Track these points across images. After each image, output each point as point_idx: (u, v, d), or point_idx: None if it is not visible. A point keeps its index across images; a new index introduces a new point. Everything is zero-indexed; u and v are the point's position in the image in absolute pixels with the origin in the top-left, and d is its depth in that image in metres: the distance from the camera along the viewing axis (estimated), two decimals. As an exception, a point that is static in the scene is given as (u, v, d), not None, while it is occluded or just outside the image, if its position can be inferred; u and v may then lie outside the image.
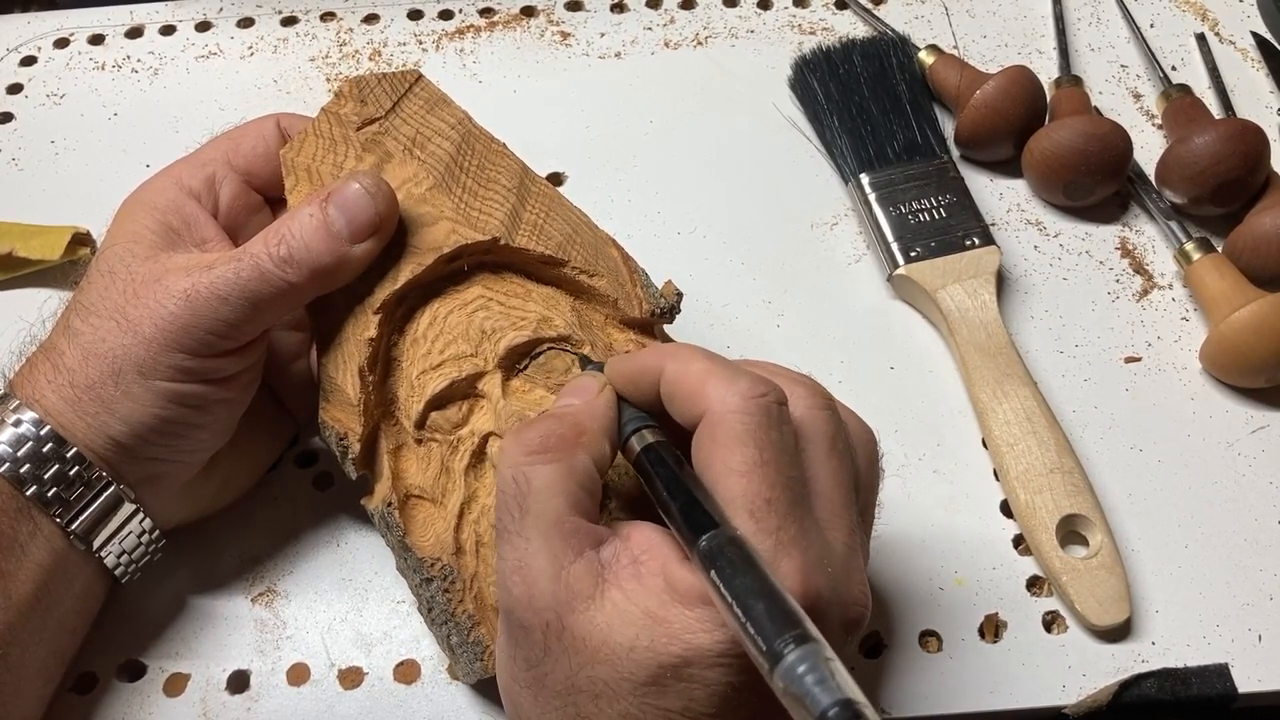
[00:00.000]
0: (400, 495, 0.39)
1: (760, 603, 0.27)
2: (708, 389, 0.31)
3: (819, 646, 0.25)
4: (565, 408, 0.34)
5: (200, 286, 0.37)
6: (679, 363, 0.32)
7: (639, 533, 0.32)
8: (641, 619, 0.29)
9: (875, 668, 0.41)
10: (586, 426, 0.33)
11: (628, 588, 0.30)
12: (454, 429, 0.39)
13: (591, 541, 0.31)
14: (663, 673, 0.29)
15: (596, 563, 0.31)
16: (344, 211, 0.38)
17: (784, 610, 0.26)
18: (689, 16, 0.63)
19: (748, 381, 0.31)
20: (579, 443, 0.32)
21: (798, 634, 0.26)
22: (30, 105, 0.59)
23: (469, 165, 0.42)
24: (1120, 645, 0.42)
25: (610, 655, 0.29)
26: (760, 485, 0.29)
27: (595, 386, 0.35)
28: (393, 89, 0.43)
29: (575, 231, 0.41)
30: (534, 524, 0.31)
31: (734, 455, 0.30)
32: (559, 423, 0.33)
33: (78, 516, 0.37)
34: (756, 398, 0.30)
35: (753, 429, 0.30)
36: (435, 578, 0.37)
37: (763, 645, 0.26)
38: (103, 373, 0.37)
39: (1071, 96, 0.55)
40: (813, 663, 0.25)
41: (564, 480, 0.31)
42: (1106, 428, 0.47)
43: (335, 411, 0.39)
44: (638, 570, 0.30)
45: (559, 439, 0.32)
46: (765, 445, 0.30)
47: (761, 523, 0.29)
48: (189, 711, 0.41)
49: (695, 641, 0.29)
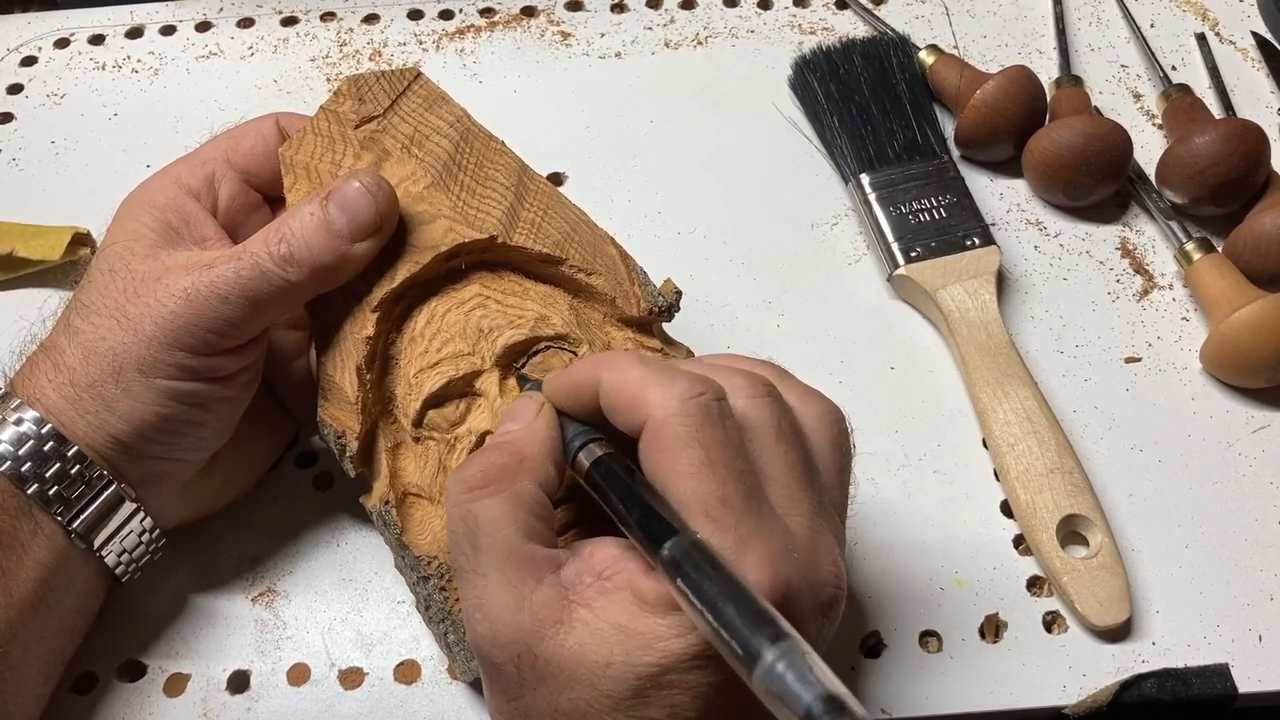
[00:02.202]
0: (398, 493, 0.39)
1: (730, 605, 0.26)
2: (646, 395, 0.31)
3: (795, 642, 0.25)
4: (503, 435, 0.34)
5: (200, 285, 0.37)
6: (615, 372, 0.32)
7: (599, 549, 0.31)
8: (613, 634, 0.29)
9: (875, 668, 0.41)
10: (527, 452, 0.33)
11: (595, 605, 0.30)
12: (451, 427, 0.39)
13: (550, 566, 0.31)
14: (642, 684, 0.29)
15: (559, 586, 0.30)
16: (344, 210, 0.38)
17: (755, 610, 0.26)
18: (689, 16, 0.63)
19: (684, 383, 0.31)
20: (521, 469, 0.32)
21: (771, 632, 0.25)
22: (30, 105, 0.59)
23: (467, 163, 0.42)
24: (1120, 645, 0.42)
25: (587, 675, 0.29)
26: (711, 485, 0.29)
27: (533, 408, 0.34)
28: (391, 87, 0.43)
29: (573, 229, 0.41)
30: (487, 559, 0.31)
31: (680, 459, 0.30)
32: (497, 453, 0.33)
33: (79, 515, 0.37)
34: (694, 398, 0.30)
35: (694, 429, 0.30)
36: (432, 576, 0.37)
37: (738, 649, 0.26)
38: (103, 371, 0.37)
39: (1071, 96, 0.55)
40: (790, 659, 0.25)
41: (511, 510, 0.31)
42: (1107, 428, 0.47)
43: (333, 410, 0.39)
44: (603, 586, 0.30)
45: (499, 469, 0.32)
46: (710, 444, 0.30)
47: (719, 521, 0.29)
48: (189, 711, 0.41)
49: (670, 648, 0.28)
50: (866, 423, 0.47)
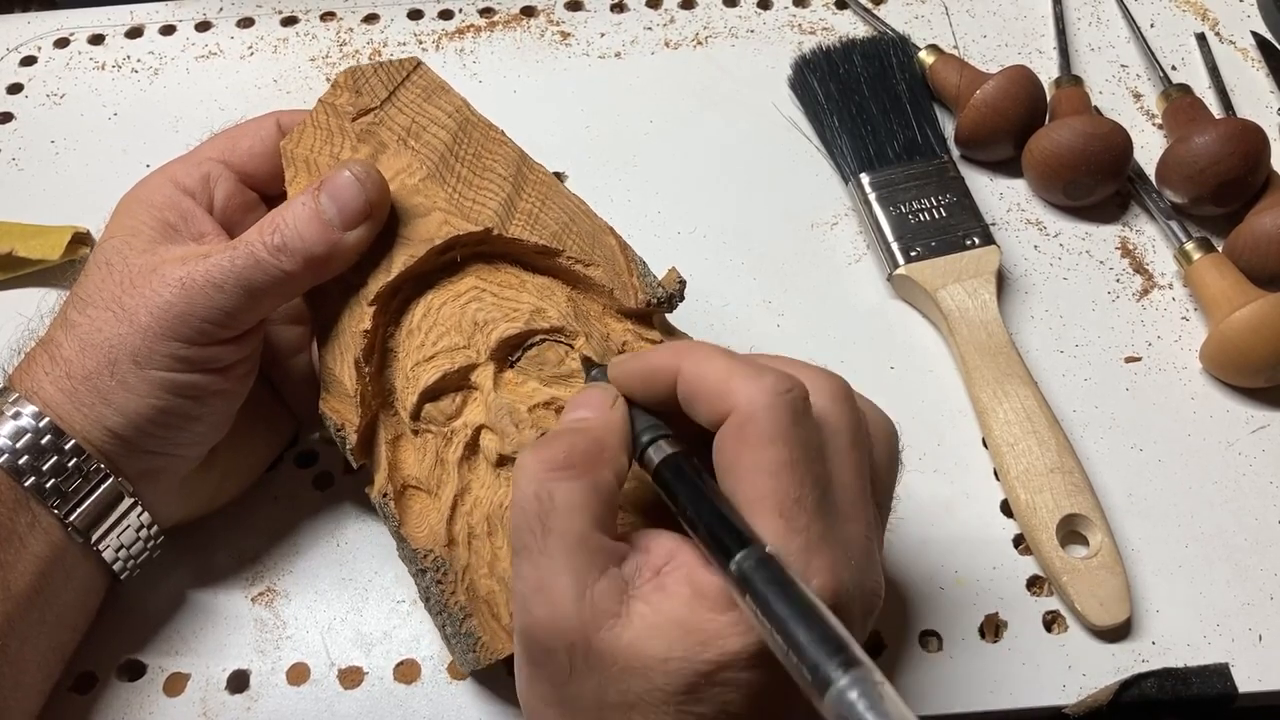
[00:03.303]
0: (397, 486, 0.39)
1: (802, 627, 0.26)
2: (732, 387, 0.31)
3: (867, 671, 0.25)
4: (581, 422, 0.33)
5: (196, 275, 0.37)
6: (697, 362, 0.32)
7: (658, 543, 0.31)
8: (672, 630, 0.29)
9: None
10: (607, 442, 0.32)
11: (654, 600, 0.30)
12: (448, 421, 0.39)
13: (614, 558, 0.31)
14: (698, 680, 0.29)
15: (620, 579, 0.30)
16: (334, 199, 0.38)
17: (828, 634, 0.26)
18: (689, 16, 0.63)
19: (773, 378, 0.31)
20: (602, 459, 0.32)
21: (844, 659, 0.25)
22: (30, 105, 0.59)
23: (464, 154, 0.42)
24: (1120, 645, 0.42)
25: (643, 668, 0.29)
26: (789, 484, 0.29)
27: (607, 399, 0.34)
28: (389, 78, 0.43)
29: (572, 220, 0.41)
30: (558, 542, 0.30)
31: (764, 454, 0.30)
32: (582, 438, 0.32)
33: (76, 508, 0.37)
34: (782, 394, 0.30)
35: (781, 427, 0.30)
36: (429, 569, 0.37)
37: (807, 674, 0.26)
38: (99, 363, 0.37)
39: (1071, 96, 0.55)
40: (863, 688, 0.25)
41: (589, 497, 0.31)
42: (1107, 427, 0.47)
43: (334, 402, 0.39)
44: (662, 582, 0.30)
45: (584, 455, 0.31)
46: (794, 443, 0.30)
47: (792, 521, 0.29)
48: (189, 711, 0.40)
49: (729, 646, 0.28)
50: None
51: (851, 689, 0.25)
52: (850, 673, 0.25)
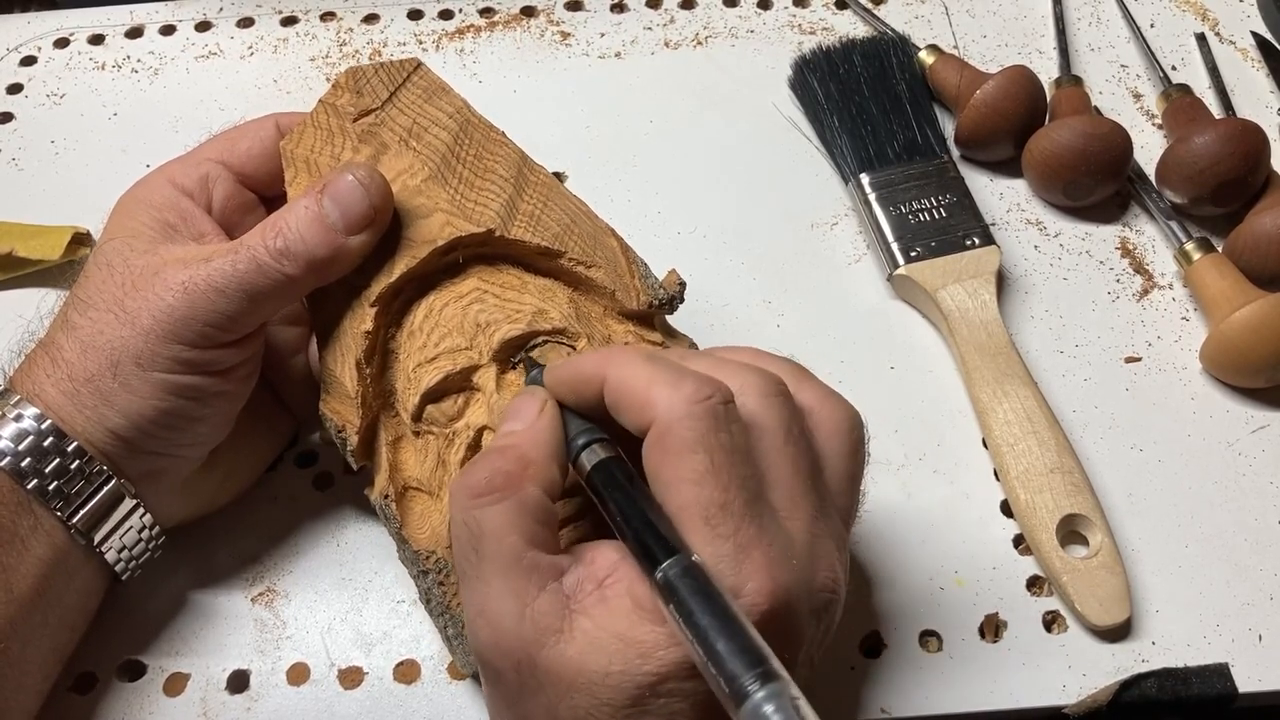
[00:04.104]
0: (398, 487, 0.39)
1: (721, 639, 0.26)
2: (652, 396, 0.30)
3: (784, 685, 0.25)
4: (507, 437, 0.33)
5: (198, 278, 0.37)
6: (621, 368, 0.32)
7: (602, 554, 0.31)
8: (613, 643, 0.29)
9: (875, 667, 0.41)
10: (531, 457, 0.32)
11: (595, 614, 0.30)
12: (450, 422, 0.39)
13: (553, 573, 0.31)
14: (641, 693, 0.29)
15: (560, 594, 0.30)
16: (338, 204, 0.38)
17: (746, 646, 0.26)
18: (689, 16, 0.63)
19: (691, 385, 0.30)
20: (525, 475, 0.32)
21: (761, 672, 0.25)
22: (30, 105, 0.59)
23: (466, 155, 0.42)
24: (1120, 645, 0.42)
25: (587, 684, 0.29)
26: (713, 491, 0.29)
27: (536, 407, 0.34)
28: (390, 79, 0.43)
29: (574, 221, 0.41)
30: (490, 566, 0.30)
31: (684, 464, 0.29)
32: (501, 458, 0.32)
33: (78, 510, 0.37)
34: (701, 401, 0.30)
35: (701, 434, 0.30)
36: (430, 570, 0.37)
37: (725, 686, 0.26)
38: (101, 365, 0.37)
39: (1071, 96, 0.55)
40: (779, 703, 0.25)
41: (515, 517, 0.31)
42: (1106, 428, 0.47)
43: (335, 404, 0.39)
44: (603, 595, 0.30)
45: (505, 476, 0.32)
46: (715, 449, 0.29)
47: (718, 528, 0.29)
48: (189, 711, 0.41)
49: (669, 657, 0.28)
50: (866, 423, 0.46)
51: (768, 702, 0.25)
52: (767, 686, 0.25)
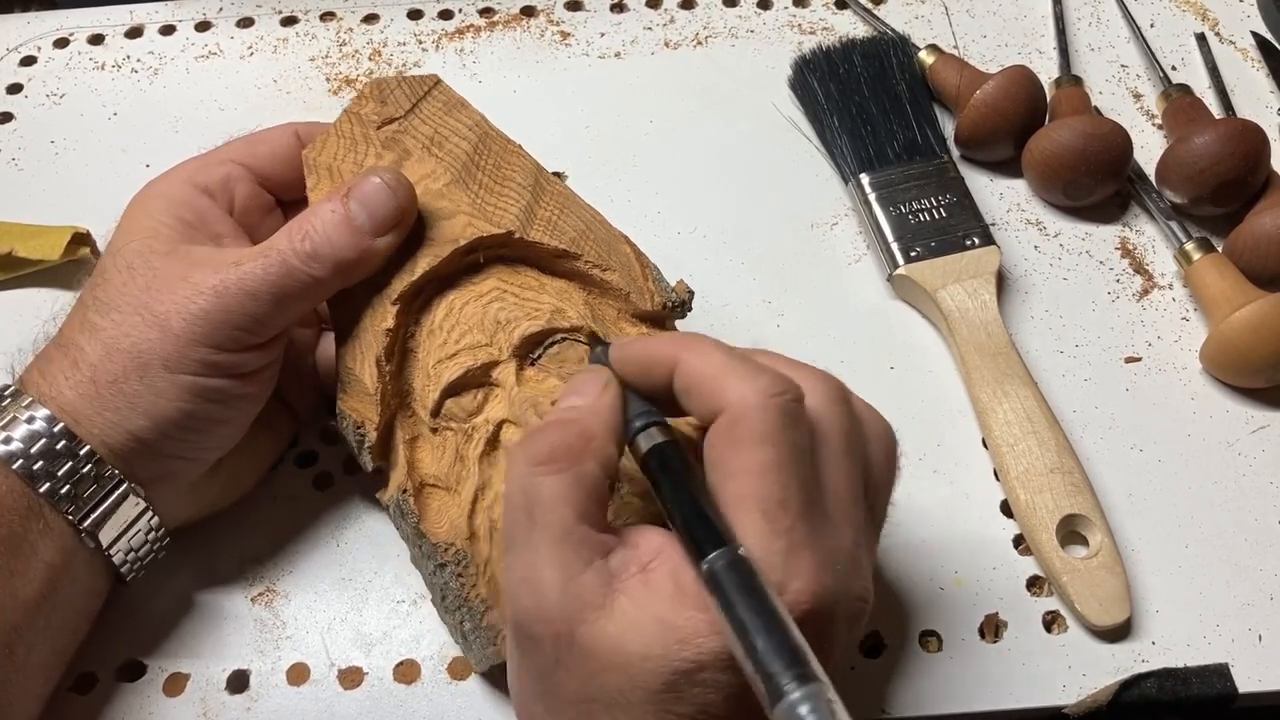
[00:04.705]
0: (415, 484, 0.39)
1: (762, 634, 0.26)
2: (726, 385, 0.31)
3: (821, 687, 0.25)
4: (570, 411, 0.33)
5: (230, 282, 0.37)
6: (695, 355, 0.32)
7: (646, 538, 0.31)
8: (653, 626, 0.29)
9: (875, 668, 0.41)
10: (593, 432, 0.32)
11: (637, 595, 0.30)
12: (469, 417, 0.39)
13: (600, 550, 0.31)
14: (677, 679, 0.28)
15: (605, 572, 0.30)
16: (365, 205, 0.38)
17: (788, 644, 0.26)
18: (689, 16, 0.63)
19: (767, 379, 0.31)
20: (586, 450, 0.32)
21: (800, 672, 0.25)
22: (30, 105, 0.59)
23: (485, 164, 0.43)
24: (1120, 645, 0.42)
25: (624, 664, 0.29)
26: (775, 486, 0.29)
27: (599, 384, 0.34)
28: (412, 91, 0.44)
29: (589, 228, 0.42)
30: (542, 535, 0.31)
31: (751, 456, 0.30)
32: (565, 431, 0.32)
33: (89, 514, 0.37)
34: (775, 396, 0.30)
35: (771, 429, 0.30)
36: (449, 563, 0.37)
37: (762, 683, 0.26)
38: (126, 368, 0.37)
39: (1071, 96, 0.55)
40: (814, 704, 0.25)
41: (572, 490, 0.31)
42: (1106, 428, 0.47)
43: (353, 402, 0.40)
44: (647, 577, 0.30)
45: (566, 449, 0.32)
46: (782, 446, 0.30)
47: (775, 523, 0.29)
48: (189, 711, 0.41)
49: (708, 646, 0.28)
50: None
51: (803, 703, 0.25)
52: (805, 687, 0.25)
